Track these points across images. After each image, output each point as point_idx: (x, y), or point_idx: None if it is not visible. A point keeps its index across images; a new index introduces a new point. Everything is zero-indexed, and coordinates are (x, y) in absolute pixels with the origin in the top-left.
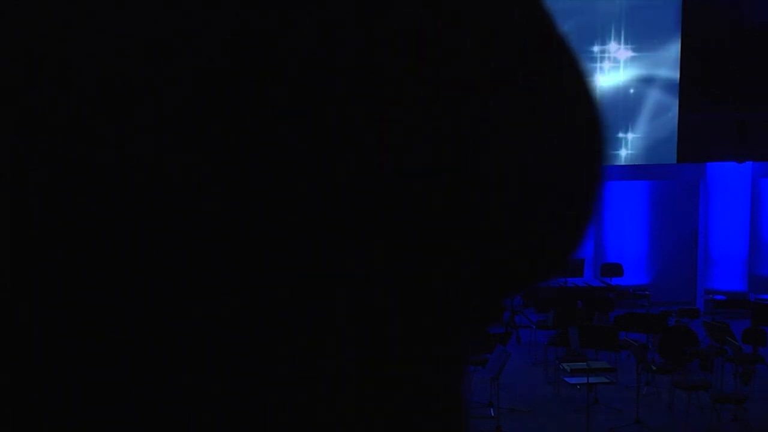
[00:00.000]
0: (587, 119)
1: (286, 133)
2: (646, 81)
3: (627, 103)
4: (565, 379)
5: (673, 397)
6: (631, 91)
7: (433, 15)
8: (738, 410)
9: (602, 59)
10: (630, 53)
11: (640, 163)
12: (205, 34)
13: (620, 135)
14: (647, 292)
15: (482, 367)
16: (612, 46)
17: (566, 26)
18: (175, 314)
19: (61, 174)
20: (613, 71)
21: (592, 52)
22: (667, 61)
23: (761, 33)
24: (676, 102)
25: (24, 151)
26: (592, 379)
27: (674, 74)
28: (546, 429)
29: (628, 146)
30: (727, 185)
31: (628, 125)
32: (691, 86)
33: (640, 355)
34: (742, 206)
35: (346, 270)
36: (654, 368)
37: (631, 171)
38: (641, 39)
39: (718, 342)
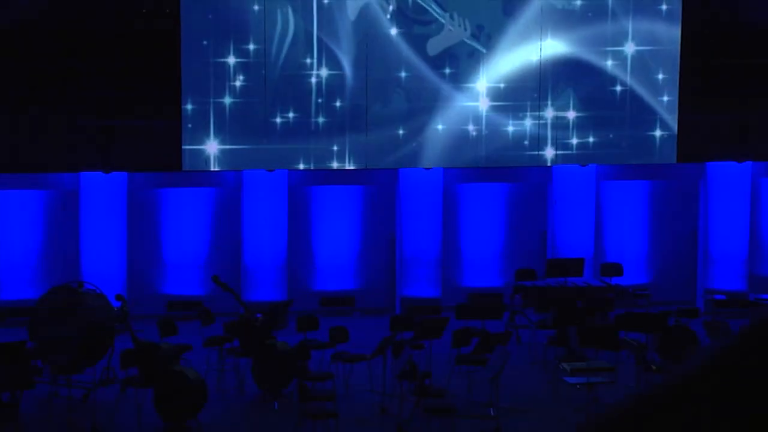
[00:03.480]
0: None
1: None
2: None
3: (623, 102)
4: (565, 378)
5: None
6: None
7: None
8: None
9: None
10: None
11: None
12: None
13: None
14: (647, 292)
15: (482, 367)
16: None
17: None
18: None
19: None
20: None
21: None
22: (667, 60)
23: (761, 33)
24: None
25: None
26: (591, 379)
27: (674, 73)
28: (546, 429)
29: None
30: (727, 185)
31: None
32: (691, 86)
33: (639, 355)
34: (742, 206)
35: None
36: (654, 368)
37: (631, 170)
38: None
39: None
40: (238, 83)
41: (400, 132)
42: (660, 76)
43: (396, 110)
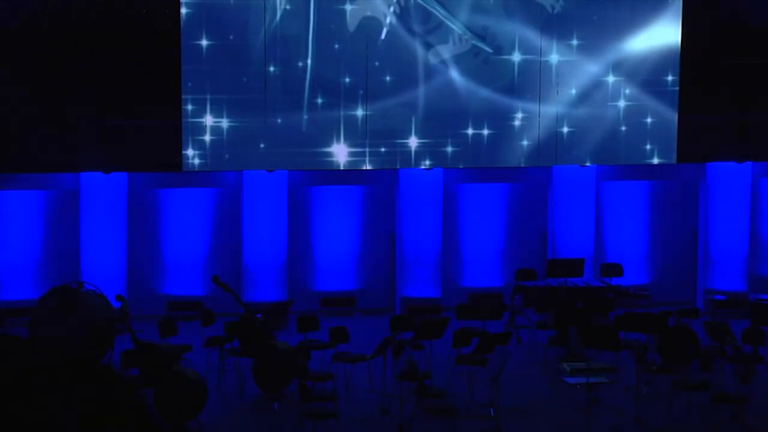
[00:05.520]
0: None
1: None
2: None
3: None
4: (565, 379)
5: (673, 397)
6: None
7: None
8: (738, 410)
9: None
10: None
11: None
12: None
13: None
14: (647, 292)
15: (482, 367)
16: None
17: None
18: None
19: None
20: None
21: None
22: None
23: (761, 33)
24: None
25: None
26: (591, 379)
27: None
28: (546, 429)
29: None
30: (727, 185)
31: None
32: (691, 86)
33: (640, 355)
34: (742, 206)
35: None
36: (654, 368)
37: (631, 171)
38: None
39: (718, 342)
40: (238, 83)
41: (401, 132)
42: (660, 77)
43: (396, 111)
